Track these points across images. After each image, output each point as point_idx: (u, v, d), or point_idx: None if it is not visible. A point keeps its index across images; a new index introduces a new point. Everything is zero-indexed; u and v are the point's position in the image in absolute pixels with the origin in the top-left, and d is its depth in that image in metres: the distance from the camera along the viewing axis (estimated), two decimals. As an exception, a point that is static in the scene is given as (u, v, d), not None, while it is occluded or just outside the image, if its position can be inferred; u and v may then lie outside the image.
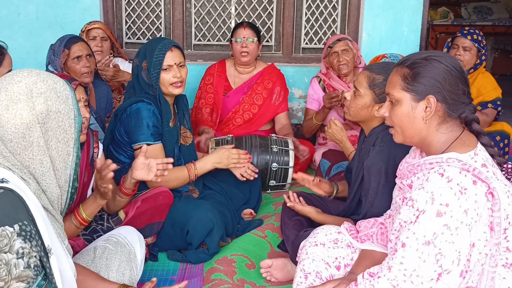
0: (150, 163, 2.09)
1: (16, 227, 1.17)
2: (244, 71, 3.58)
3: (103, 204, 2.07)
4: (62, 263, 1.32)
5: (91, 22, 3.42)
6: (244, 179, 2.68)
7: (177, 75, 2.42)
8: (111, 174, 1.96)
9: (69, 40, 2.86)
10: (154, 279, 1.82)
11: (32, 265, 1.19)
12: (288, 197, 2.30)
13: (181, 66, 2.46)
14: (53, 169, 1.32)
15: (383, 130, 1.96)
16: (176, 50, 2.45)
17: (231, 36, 3.54)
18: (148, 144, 2.37)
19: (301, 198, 2.31)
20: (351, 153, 2.70)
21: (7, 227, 1.16)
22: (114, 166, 1.98)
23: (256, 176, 2.71)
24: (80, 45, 2.87)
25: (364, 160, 2.02)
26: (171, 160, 2.16)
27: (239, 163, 2.62)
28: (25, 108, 1.26)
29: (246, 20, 3.90)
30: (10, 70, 2.50)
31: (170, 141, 2.50)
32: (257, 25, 3.97)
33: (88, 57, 2.89)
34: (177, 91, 2.46)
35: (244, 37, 3.43)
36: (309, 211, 2.21)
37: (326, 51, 3.45)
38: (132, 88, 2.52)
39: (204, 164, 2.55)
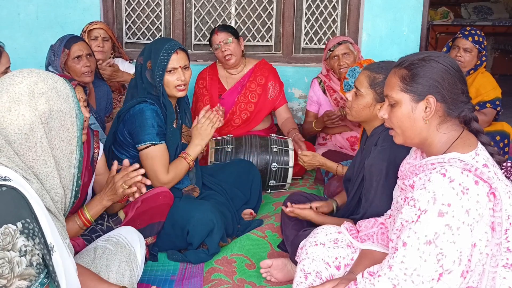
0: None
1: (19, 225, 1.17)
2: (235, 71, 3.58)
3: (108, 205, 2.08)
4: (64, 261, 1.33)
5: (92, 22, 3.42)
6: (222, 122, 2.65)
7: (181, 78, 2.43)
8: (139, 178, 1.99)
9: (69, 40, 2.87)
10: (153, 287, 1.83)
11: (34, 263, 1.19)
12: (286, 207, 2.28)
13: (185, 68, 2.46)
14: (57, 169, 1.32)
15: (385, 130, 1.96)
16: (182, 53, 2.44)
17: (210, 45, 3.53)
18: (153, 144, 2.37)
19: (299, 205, 2.28)
20: (337, 167, 2.73)
21: (10, 224, 1.16)
22: (142, 170, 2.01)
23: (223, 109, 2.76)
24: (80, 45, 2.87)
25: (366, 160, 2.02)
26: (148, 182, 2.09)
27: (214, 123, 2.59)
28: (27, 108, 1.26)
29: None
30: (8, 67, 2.50)
31: (173, 141, 2.50)
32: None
33: (88, 56, 2.90)
34: (180, 94, 2.47)
35: (220, 42, 3.42)
36: (308, 214, 2.21)
37: (326, 54, 3.44)
38: (135, 88, 2.52)
39: (193, 148, 2.56)
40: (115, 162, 2.07)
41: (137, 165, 2.04)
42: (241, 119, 3.52)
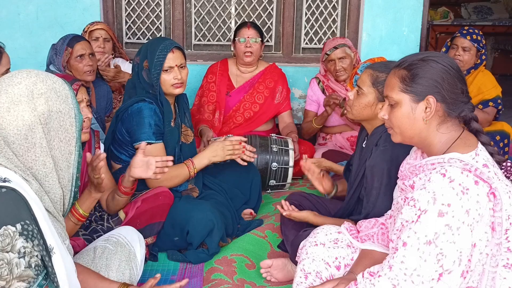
0: (149, 161, 2.09)
1: (18, 226, 1.17)
2: (246, 70, 3.58)
3: (98, 197, 2.05)
4: (64, 262, 1.33)
5: (93, 22, 3.42)
6: (246, 163, 2.65)
7: (178, 77, 2.43)
8: (102, 164, 1.94)
9: (72, 39, 2.88)
10: (158, 275, 1.80)
11: (33, 265, 1.19)
12: (282, 207, 2.27)
13: (182, 67, 2.47)
14: (55, 170, 1.32)
15: (386, 129, 1.95)
16: (178, 52, 2.45)
17: (234, 35, 3.53)
18: (149, 143, 2.37)
19: (292, 206, 2.28)
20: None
21: (9, 226, 1.16)
22: (104, 155, 1.96)
23: (255, 156, 2.69)
24: (83, 44, 2.89)
25: (366, 159, 2.01)
26: (171, 158, 2.16)
27: (234, 153, 2.60)
28: (26, 109, 1.27)
29: (246, 20, 3.90)
30: (8, 69, 2.50)
31: (171, 140, 2.50)
32: (261, 25, 3.98)
33: (90, 56, 2.91)
34: (177, 91, 2.47)
35: (248, 37, 3.43)
36: (306, 216, 2.19)
37: (323, 56, 3.44)
38: (133, 88, 2.52)
39: (201, 159, 2.55)
40: (88, 154, 2.05)
41: (98, 151, 1.99)
42: (244, 118, 3.52)
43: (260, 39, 3.46)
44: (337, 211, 2.27)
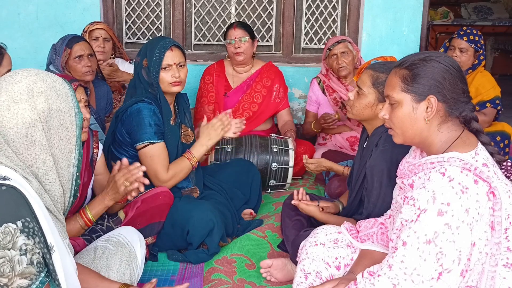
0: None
1: (19, 223, 1.17)
2: (242, 70, 3.59)
3: (110, 205, 2.09)
4: (64, 260, 1.33)
5: (93, 22, 3.42)
6: (237, 134, 2.65)
7: (176, 75, 2.42)
8: (141, 173, 2.01)
9: (71, 40, 2.87)
10: (154, 280, 1.83)
11: (35, 262, 1.19)
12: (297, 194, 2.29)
13: (180, 66, 2.46)
14: (56, 168, 1.32)
15: (386, 130, 1.95)
16: (176, 50, 2.45)
17: (224, 38, 3.55)
18: (152, 143, 2.38)
19: (307, 197, 2.30)
20: (344, 169, 2.75)
21: (10, 223, 1.16)
22: (143, 167, 2.04)
23: (244, 125, 2.70)
24: (81, 45, 2.88)
25: (367, 160, 2.01)
26: (147, 181, 2.09)
27: (225, 126, 2.60)
28: (26, 107, 1.27)
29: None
30: (9, 70, 2.51)
31: (172, 139, 2.50)
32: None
33: (89, 56, 2.90)
34: (175, 89, 2.46)
35: (235, 38, 3.43)
36: (313, 210, 2.21)
37: (325, 53, 3.45)
38: (134, 87, 2.52)
39: (199, 148, 2.56)
40: (118, 162, 2.08)
41: (138, 164, 2.06)
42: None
43: (248, 37, 3.45)
44: (339, 213, 2.27)
